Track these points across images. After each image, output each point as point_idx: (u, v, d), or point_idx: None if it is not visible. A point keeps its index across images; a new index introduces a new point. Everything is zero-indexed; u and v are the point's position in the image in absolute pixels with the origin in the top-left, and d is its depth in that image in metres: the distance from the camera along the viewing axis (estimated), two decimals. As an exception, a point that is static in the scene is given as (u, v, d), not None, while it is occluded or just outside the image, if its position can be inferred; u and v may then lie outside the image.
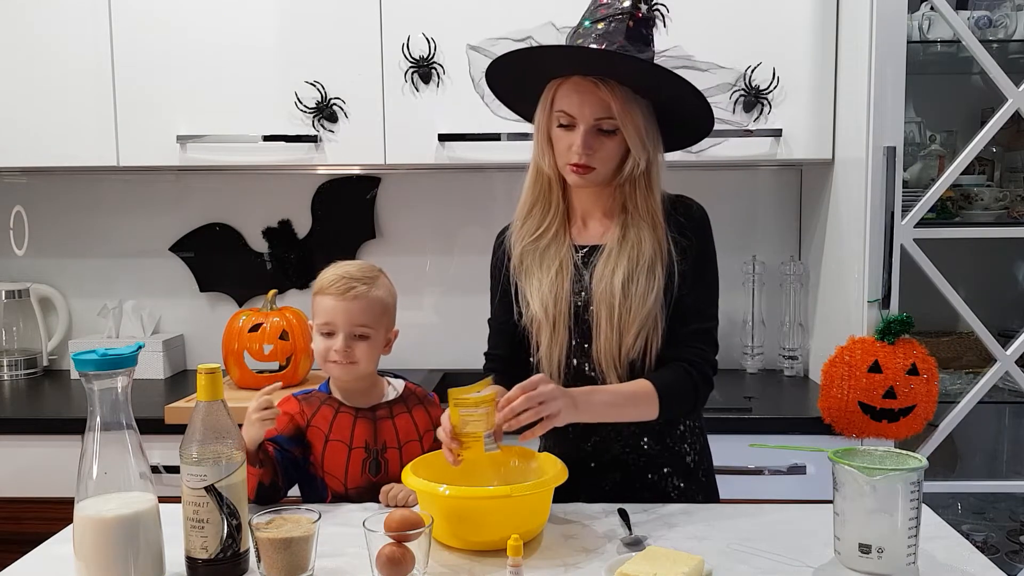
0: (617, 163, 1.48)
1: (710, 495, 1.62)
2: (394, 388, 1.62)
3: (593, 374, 1.51)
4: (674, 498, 1.56)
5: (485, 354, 1.67)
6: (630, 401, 1.46)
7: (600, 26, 1.46)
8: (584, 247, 1.55)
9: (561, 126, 1.48)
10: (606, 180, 1.50)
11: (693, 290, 1.51)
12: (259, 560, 1.18)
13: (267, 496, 1.48)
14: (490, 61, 1.49)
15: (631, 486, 1.55)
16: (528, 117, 1.57)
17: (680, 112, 1.48)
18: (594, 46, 1.44)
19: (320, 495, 1.56)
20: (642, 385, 1.47)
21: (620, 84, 1.43)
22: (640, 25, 1.45)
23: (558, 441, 1.57)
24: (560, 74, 1.47)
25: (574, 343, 1.53)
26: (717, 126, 1.51)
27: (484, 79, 1.54)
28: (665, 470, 1.56)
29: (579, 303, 1.51)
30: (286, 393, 1.58)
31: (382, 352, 1.57)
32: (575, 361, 1.54)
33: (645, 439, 1.55)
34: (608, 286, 1.48)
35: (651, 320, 1.47)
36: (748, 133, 2.20)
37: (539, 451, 1.50)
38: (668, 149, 1.55)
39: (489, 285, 1.67)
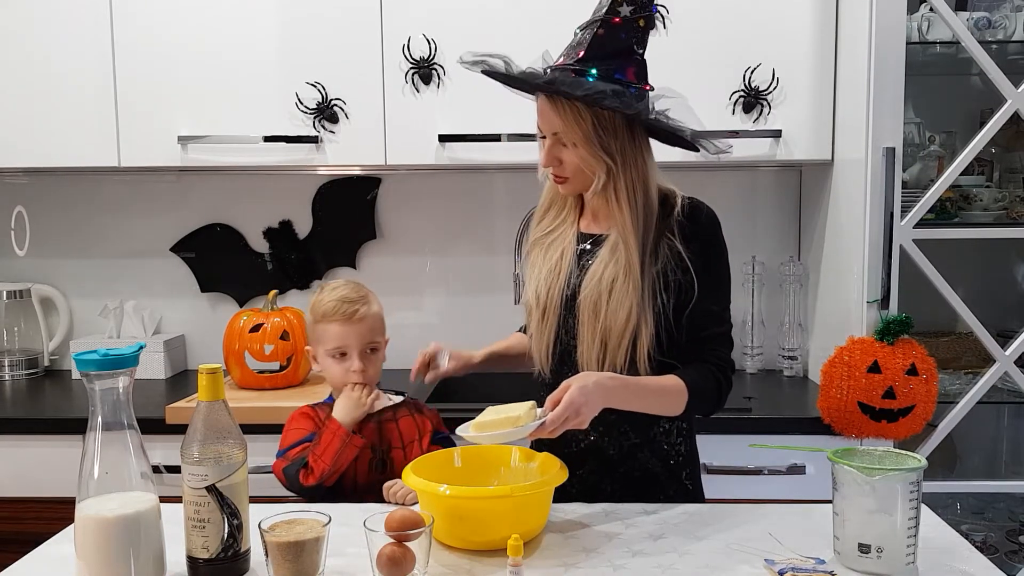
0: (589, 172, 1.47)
1: (694, 500, 1.58)
2: (389, 398, 1.68)
3: (580, 359, 1.50)
4: (653, 498, 1.52)
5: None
6: (662, 395, 1.45)
7: (578, 35, 1.46)
8: (589, 236, 1.55)
9: (542, 137, 1.50)
10: (586, 187, 1.50)
11: (708, 296, 1.49)
12: (268, 563, 1.17)
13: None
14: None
15: (606, 478, 1.53)
16: None
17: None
18: (562, 59, 1.45)
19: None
20: (674, 381, 1.46)
21: (568, 100, 1.42)
22: (619, 30, 1.42)
23: None
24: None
25: (562, 329, 1.53)
26: (694, 125, 1.47)
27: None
28: (647, 466, 1.55)
29: (568, 293, 1.52)
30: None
31: None
32: (562, 345, 1.54)
33: (626, 428, 1.53)
34: (593, 290, 1.47)
35: (631, 329, 1.45)
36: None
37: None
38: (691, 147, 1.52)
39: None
